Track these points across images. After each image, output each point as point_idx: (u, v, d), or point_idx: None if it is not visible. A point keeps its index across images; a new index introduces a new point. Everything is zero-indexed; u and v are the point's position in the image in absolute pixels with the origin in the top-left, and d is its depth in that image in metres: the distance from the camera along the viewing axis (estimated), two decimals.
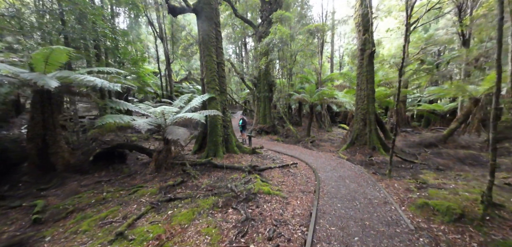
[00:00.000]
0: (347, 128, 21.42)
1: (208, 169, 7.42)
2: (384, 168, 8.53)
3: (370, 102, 10.56)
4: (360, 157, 10.02)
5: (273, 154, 10.50)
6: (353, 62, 25.97)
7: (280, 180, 6.73)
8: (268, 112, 16.49)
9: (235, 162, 8.40)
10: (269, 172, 7.54)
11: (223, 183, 6.38)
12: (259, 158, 9.50)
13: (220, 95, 9.22)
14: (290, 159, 9.61)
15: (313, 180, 6.77)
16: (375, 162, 9.17)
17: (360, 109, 10.95)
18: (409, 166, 8.92)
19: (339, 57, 37.92)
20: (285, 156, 10.15)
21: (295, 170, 7.80)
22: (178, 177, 6.84)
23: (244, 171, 7.08)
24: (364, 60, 10.57)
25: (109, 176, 7.13)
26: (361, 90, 10.86)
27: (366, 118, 10.73)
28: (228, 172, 7.28)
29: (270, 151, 11.34)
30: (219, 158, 8.34)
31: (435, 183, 6.58)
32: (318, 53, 21.89)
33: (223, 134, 9.09)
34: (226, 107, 9.55)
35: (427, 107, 21.02)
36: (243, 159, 9.00)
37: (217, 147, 8.56)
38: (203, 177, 6.92)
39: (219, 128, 8.76)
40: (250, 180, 6.49)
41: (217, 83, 8.92)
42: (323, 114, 21.31)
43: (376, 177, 7.12)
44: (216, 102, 8.81)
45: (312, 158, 9.56)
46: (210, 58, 8.78)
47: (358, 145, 11.01)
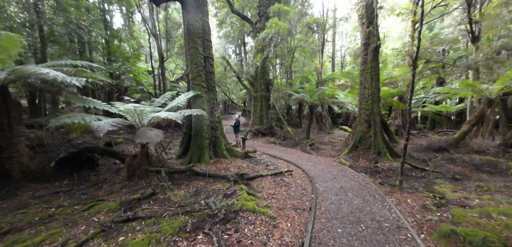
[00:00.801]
0: (349, 130, 20.38)
1: (188, 178, 6.42)
2: (392, 177, 7.47)
3: (375, 102, 9.50)
4: (364, 162, 8.96)
5: (268, 159, 9.48)
6: (355, 61, 24.91)
7: (270, 192, 5.70)
8: (265, 113, 15.48)
9: (223, 168, 7.39)
10: (260, 181, 6.52)
11: (202, 196, 5.37)
12: (251, 163, 8.49)
13: (207, 93, 8.22)
14: (286, 164, 8.59)
15: (310, 191, 5.73)
16: (381, 169, 8.10)
17: (364, 109, 9.90)
18: (421, 175, 7.85)
19: (340, 57, 36.86)
20: (281, 161, 9.12)
21: (290, 178, 6.77)
22: (150, 187, 5.85)
23: (230, 180, 6.07)
24: (368, 56, 9.53)
25: (72, 185, 6.15)
26: (364, 89, 9.81)
27: (371, 120, 9.68)
28: (210, 181, 6.27)
29: (264, 155, 10.33)
30: (204, 164, 7.34)
31: (455, 197, 5.53)
32: (319, 52, 20.88)
33: (210, 136, 8.09)
34: (214, 106, 8.55)
35: (433, 109, 19.89)
36: (233, 164, 7.99)
37: (202, 151, 7.55)
38: (180, 187, 5.91)
39: (205, 129, 7.76)
40: (235, 192, 5.47)
41: (203, 79, 7.93)
42: (323, 116, 20.26)
43: (384, 189, 6.06)
44: (202, 101, 7.81)
45: (311, 164, 8.52)
46: (196, 51, 7.79)
47: (362, 149, 9.95)
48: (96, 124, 4.88)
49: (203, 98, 7.84)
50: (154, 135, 5.47)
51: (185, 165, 7.30)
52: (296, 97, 14.82)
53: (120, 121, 5.53)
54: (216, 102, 8.81)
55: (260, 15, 16.05)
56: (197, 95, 7.76)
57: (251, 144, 13.31)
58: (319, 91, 13.69)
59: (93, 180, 6.45)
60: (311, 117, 15.13)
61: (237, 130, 12.52)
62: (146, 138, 5.29)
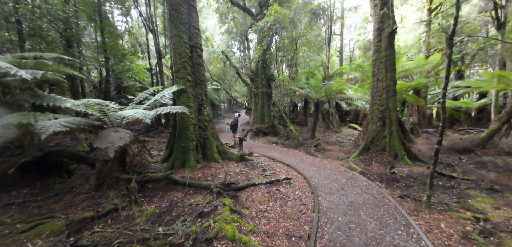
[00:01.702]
0: (359, 128, 18.88)
1: (165, 188, 5.40)
2: (414, 186, 6.15)
3: (390, 96, 8.14)
4: (378, 167, 7.65)
5: (266, 162, 8.35)
6: (366, 55, 23.19)
7: (261, 208, 4.58)
8: (266, 111, 14.32)
9: (210, 175, 6.33)
10: (251, 191, 5.41)
11: (175, 213, 4.33)
12: (246, 168, 7.39)
13: (194, 87, 7.18)
14: (285, 169, 7.43)
15: (311, 208, 4.56)
16: (400, 177, 6.78)
17: (377, 105, 8.56)
18: (448, 183, 6.49)
19: (349, 51, 34.93)
20: (280, 165, 7.97)
21: (287, 188, 5.62)
22: (117, 200, 4.88)
23: (213, 191, 4.99)
24: (382, 43, 8.16)
25: (32, 194, 5.28)
26: (378, 81, 8.46)
27: (385, 117, 8.33)
28: (191, 192, 5.22)
29: (263, 157, 9.20)
30: (188, 170, 6.31)
31: (501, 218, 4.22)
32: (326, 45, 19.43)
33: (197, 137, 7.05)
34: (203, 103, 7.50)
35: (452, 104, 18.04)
36: (224, 170, 6.91)
37: (187, 154, 6.52)
38: (152, 200, 4.90)
39: (190, 129, 6.72)
40: (216, 208, 4.39)
41: (189, 72, 6.88)
42: (331, 113, 18.85)
43: (407, 204, 4.79)
44: (186, 97, 6.77)
45: (314, 169, 7.32)
46: (180, 39, 6.74)
47: (375, 151, 8.63)
48: (40, 124, 3.92)
49: (189, 94, 6.79)
50: (118, 137, 4.47)
51: (166, 170, 6.29)
52: (300, 93, 13.55)
53: (77, 121, 4.56)
54: (206, 99, 7.76)
55: (261, 6, 14.85)
56: (182, 91, 6.72)
57: (251, 144, 12.23)
58: (326, 86, 12.37)
59: (57, 189, 5.56)
60: (316, 115, 13.83)
61: (234, 129, 11.49)
62: (107, 141, 4.29)
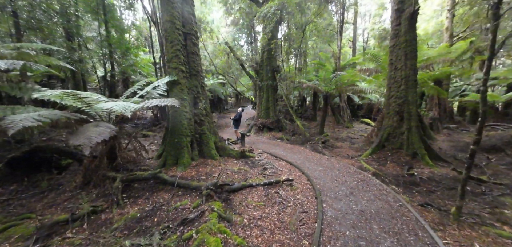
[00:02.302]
0: (372, 124, 17.70)
1: (152, 188, 4.94)
2: (437, 192, 5.30)
3: (410, 88, 7.17)
4: (394, 168, 6.79)
5: (268, 159, 7.74)
6: (381, 45, 21.62)
7: (255, 215, 3.99)
8: (271, 105, 13.60)
9: (205, 174, 5.82)
10: (246, 194, 4.83)
11: (157, 218, 3.85)
12: (245, 166, 6.83)
13: (188, 79, 6.63)
14: (288, 168, 6.78)
15: (313, 217, 3.91)
16: (420, 180, 5.91)
17: (394, 97, 7.61)
18: (478, 188, 5.57)
19: (363, 42, 32.96)
20: (283, 163, 7.33)
21: (288, 191, 4.98)
22: (101, 199, 4.49)
23: (203, 193, 4.45)
24: (401, 26, 7.15)
25: (18, 191, 5.03)
26: (396, 71, 7.49)
27: (403, 111, 7.39)
28: (179, 193, 4.72)
29: (265, 154, 8.59)
30: (181, 168, 5.83)
31: None
32: (337, 33, 18.19)
33: (192, 133, 6.54)
34: (199, 95, 6.96)
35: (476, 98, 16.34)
36: (220, 168, 6.39)
37: (180, 151, 6.04)
38: (137, 202, 4.46)
39: (184, 124, 6.22)
40: (202, 213, 3.86)
41: (182, 61, 6.33)
42: (342, 107, 17.78)
43: (429, 215, 4.01)
44: (180, 89, 6.24)
45: (321, 168, 6.61)
46: (172, 25, 6.18)
47: (390, 149, 7.73)
48: (10, 118, 3.53)
49: (182, 85, 6.26)
50: (96, 133, 4.02)
51: (157, 168, 5.86)
52: (308, 85, 12.68)
53: (53, 115, 4.15)
54: (203, 91, 7.20)
55: None
56: (174, 82, 6.20)
57: (254, 140, 11.64)
58: (336, 78, 11.41)
59: (43, 186, 5.28)
60: (325, 109, 12.93)
61: (237, 124, 10.89)
62: (84, 137, 3.85)
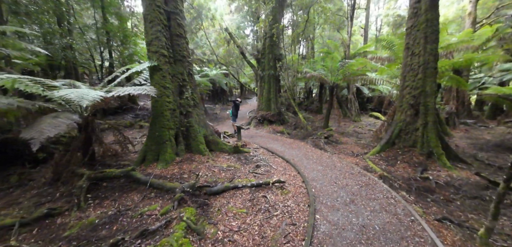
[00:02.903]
0: (382, 118, 16.53)
1: (123, 187, 4.39)
2: (456, 201, 4.43)
3: (428, 77, 6.16)
4: (405, 169, 5.91)
5: (264, 156, 7.06)
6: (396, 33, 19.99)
7: (233, 225, 3.34)
8: (273, 96, 12.77)
9: (188, 171, 5.23)
10: (229, 197, 4.19)
11: (117, 226, 3.29)
12: (237, 163, 6.20)
13: (172, 65, 5.96)
14: (284, 166, 6.07)
15: (302, 231, 3.20)
16: (435, 185, 5.04)
17: (409, 88, 6.62)
18: (507, 199, 4.64)
19: (376, 30, 30.91)
20: (279, 160, 6.63)
21: (278, 195, 4.29)
22: (63, 199, 4.00)
23: (177, 196, 3.85)
24: (421, 3, 6.06)
25: None
26: (412, 57, 6.46)
27: (419, 104, 6.41)
28: (151, 194, 4.15)
29: (262, 149, 7.91)
30: (162, 164, 5.25)
31: None
32: (348, 19, 16.82)
33: (177, 125, 5.93)
34: (186, 84, 6.29)
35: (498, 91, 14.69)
36: (208, 164, 5.78)
37: (162, 146, 5.45)
38: (103, 203, 3.92)
39: (167, 116, 5.60)
40: (170, 223, 3.26)
41: (164, 45, 5.64)
42: (350, 100, 16.66)
43: (449, 235, 3.20)
44: (161, 76, 5.58)
45: (320, 168, 5.85)
46: (152, 3, 5.45)
47: (401, 147, 6.82)
48: None
49: (164, 72, 5.59)
50: (52, 125, 3.45)
51: (135, 164, 5.31)
52: (312, 75, 11.70)
53: None
54: (191, 79, 6.52)
55: None
56: (155, 68, 5.54)
57: (252, 133, 10.95)
58: (344, 67, 10.38)
59: (13, 181, 4.87)
60: (331, 101, 11.96)
61: (235, 117, 10.24)
62: (35, 131, 3.30)
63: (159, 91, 5.54)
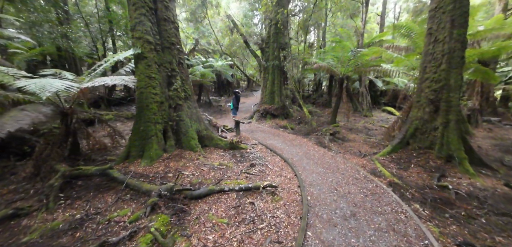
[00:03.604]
0: (396, 113, 15.39)
1: (99, 186, 4.05)
2: (481, 219, 3.69)
3: (453, 68, 5.25)
4: (419, 174, 5.16)
5: (262, 153, 6.55)
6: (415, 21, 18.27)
7: (208, 240, 2.88)
8: (277, 89, 12.07)
9: (174, 170, 4.83)
10: (212, 202, 3.73)
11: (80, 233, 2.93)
12: (230, 160, 5.75)
13: (159, 52, 5.47)
14: (281, 166, 5.52)
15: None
16: (454, 197, 4.29)
17: (430, 81, 5.74)
18: None
19: (393, 18, 28.69)
20: (277, 159, 6.08)
21: (267, 202, 3.77)
22: (35, 198, 3.72)
23: (152, 199, 3.44)
24: None
25: None
26: (435, 44, 5.54)
27: (440, 99, 5.55)
28: (127, 196, 3.77)
29: (260, 145, 7.38)
30: (147, 161, 4.88)
31: None
32: (362, 5, 15.47)
33: (165, 119, 5.51)
34: (175, 74, 5.81)
35: None
36: (197, 162, 5.36)
37: (147, 141, 5.06)
38: (74, 204, 3.59)
39: (153, 109, 5.18)
40: (134, 235, 2.85)
41: (149, 30, 5.14)
42: (361, 93, 15.60)
43: None
44: (146, 65, 5.13)
45: (320, 170, 5.24)
46: None
47: (416, 148, 6.02)
48: None
49: (149, 61, 5.13)
50: (14, 118, 3.11)
51: (119, 160, 4.98)
52: (320, 66, 10.85)
53: None
54: (182, 69, 6.02)
55: None
56: (139, 56, 5.08)
57: (254, 128, 10.41)
58: (355, 56, 9.43)
59: None
60: (340, 94, 11.08)
61: (235, 110, 9.68)
62: None
63: (144, 82, 5.11)
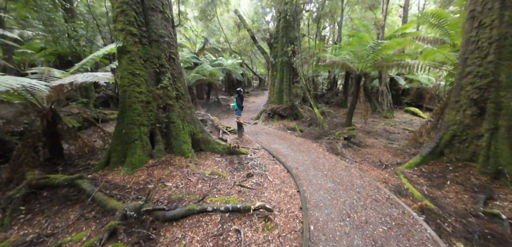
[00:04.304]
0: (422, 115, 13.74)
1: (66, 198, 3.51)
2: None
3: (504, 60, 4.05)
4: (458, 195, 4.04)
5: (263, 160, 5.77)
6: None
7: None
8: (286, 87, 11.14)
9: (157, 180, 4.21)
10: (189, 227, 3.02)
11: None
12: (225, 169, 5.04)
13: (146, 46, 4.87)
14: (283, 178, 4.69)
15: None
16: (510, 231, 3.17)
17: (472, 76, 4.56)
18: None
19: (417, 9, 26.14)
20: (280, 169, 5.25)
21: (257, 232, 2.97)
22: None
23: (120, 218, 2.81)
24: None
25: None
26: (480, 29, 4.35)
27: (487, 99, 4.36)
28: (92, 213, 3.18)
29: (264, 151, 6.58)
30: (127, 169, 4.30)
31: None
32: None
33: (153, 121, 4.91)
34: (164, 71, 5.19)
35: None
36: (186, 170, 4.70)
37: (130, 146, 4.49)
38: (33, 221, 3.07)
39: (137, 109, 4.60)
40: None
41: (133, 20, 4.55)
42: (380, 92, 14.13)
43: None
44: (128, 60, 4.55)
45: (330, 186, 4.32)
46: None
47: (453, 161, 4.85)
48: None
49: (132, 55, 4.54)
50: None
51: (98, 167, 4.46)
52: (333, 61, 9.75)
53: None
54: (174, 65, 5.39)
55: None
56: (121, 50, 4.52)
57: (259, 129, 9.61)
58: (376, 49, 8.24)
59: None
60: (356, 93, 9.90)
61: (239, 110, 8.91)
62: None
63: (127, 79, 4.54)
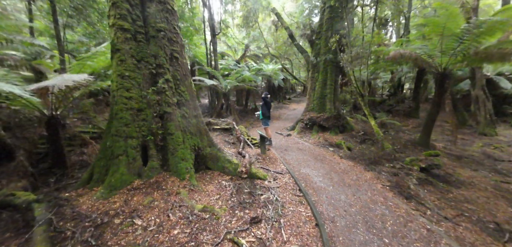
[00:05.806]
0: None
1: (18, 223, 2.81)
2: None
3: None
4: None
5: (284, 193, 4.12)
6: None
7: None
8: (330, 91, 8.92)
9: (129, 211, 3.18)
10: None
11: None
12: (227, 202, 3.68)
13: (140, 43, 4.04)
14: (307, 234, 2.91)
15: None
16: None
17: None
18: None
19: None
20: (307, 216, 3.46)
21: None
22: None
23: None
24: None
25: None
26: None
27: None
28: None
29: (288, 176, 4.86)
30: (103, 192, 3.42)
31: None
32: None
33: (146, 132, 4.01)
34: (163, 72, 4.25)
35: None
36: (173, 201, 3.54)
37: (113, 163, 3.64)
38: None
39: (125, 118, 3.75)
40: None
41: (125, 14, 3.78)
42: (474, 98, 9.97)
43: None
44: (119, 59, 3.77)
45: None
46: None
47: None
48: None
49: (122, 54, 3.74)
50: None
51: (80, 184, 3.79)
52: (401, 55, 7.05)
53: None
54: (177, 65, 4.43)
55: None
56: (112, 49, 3.80)
57: (290, 144, 7.76)
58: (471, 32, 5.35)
59: None
60: (439, 100, 6.82)
61: (266, 119, 7.44)
62: None
63: (116, 83, 3.77)
